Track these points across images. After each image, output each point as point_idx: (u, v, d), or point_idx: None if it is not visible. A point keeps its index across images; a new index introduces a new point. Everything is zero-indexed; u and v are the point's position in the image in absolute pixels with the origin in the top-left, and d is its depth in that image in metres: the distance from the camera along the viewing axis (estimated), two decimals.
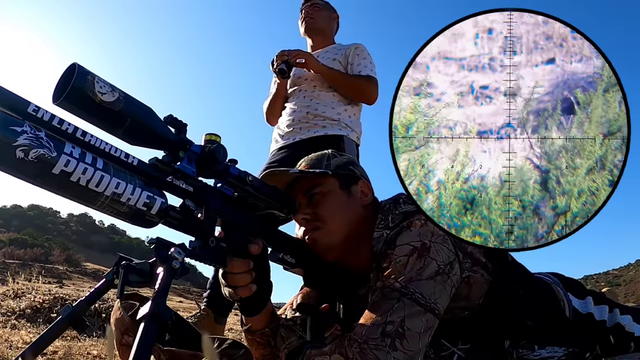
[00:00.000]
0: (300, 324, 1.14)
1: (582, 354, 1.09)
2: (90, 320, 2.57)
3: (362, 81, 2.25)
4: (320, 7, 2.50)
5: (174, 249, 0.77)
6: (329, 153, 1.20)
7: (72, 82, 0.68)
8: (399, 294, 0.90)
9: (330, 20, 2.52)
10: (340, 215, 1.10)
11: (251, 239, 0.96)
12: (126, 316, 0.93)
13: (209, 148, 0.86)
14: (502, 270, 1.07)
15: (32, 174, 0.66)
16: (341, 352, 0.87)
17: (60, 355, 1.82)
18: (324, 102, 2.24)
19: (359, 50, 2.33)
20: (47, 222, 36.75)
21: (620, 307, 1.17)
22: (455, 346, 1.05)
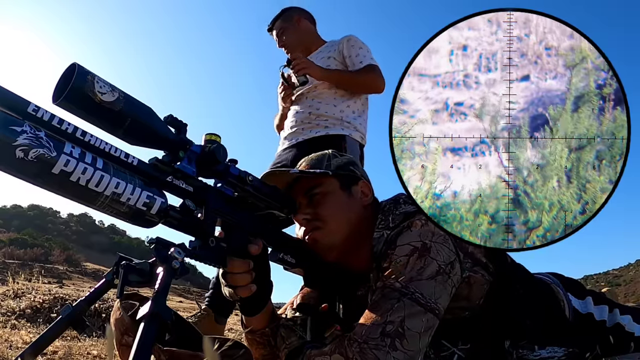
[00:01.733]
0: (300, 324, 1.14)
1: (582, 354, 1.09)
2: (90, 320, 2.57)
3: (366, 75, 2.21)
4: (283, 28, 2.41)
5: (173, 249, 0.77)
6: (329, 153, 1.20)
7: (72, 82, 0.68)
8: (399, 294, 0.90)
9: (298, 28, 2.41)
10: (340, 216, 1.10)
11: (251, 239, 0.96)
12: (126, 316, 0.93)
13: (209, 148, 0.86)
14: (502, 270, 1.07)
15: (32, 174, 0.66)
16: (341, 352, 0.87)
17: (60, 355, 1.82)
18: (326, 101, 2.23)
19: (352, 41, 2.29)
20: (47, 222, 36.74)
21: (620, 307, 1.17)
22: (456, 346, 1.05)
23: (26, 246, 17.17)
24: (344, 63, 2.28)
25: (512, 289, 1.07)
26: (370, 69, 2.22)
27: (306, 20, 2.45)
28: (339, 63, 2.29)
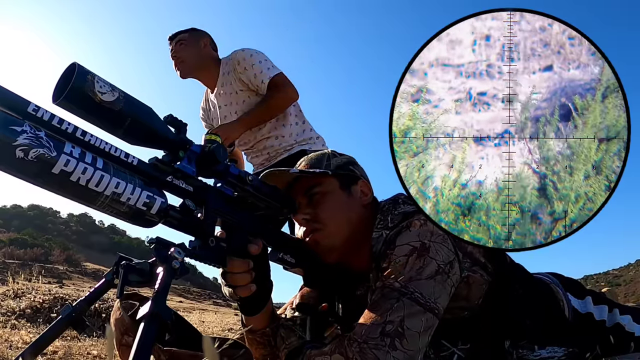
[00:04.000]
0: (300, 324, 1.14)
1: (582, 354, 1.09)
2: (90, 320, 2.56)
3: (275, 97, 2.14)
4: (185, 42, 2.27)
5: (173, 249, 0.77)
6: (329, 153, 1.20)
7: (72, 81, 0.68)
8: (398, 294, 0.90)
9: (201, 50, 2.28)
10: (340, 216, 1.10)
11: (251, 239, 0.96)
12: (126, 316, 0.93)
13: (209, 148, 0.86)
14: (501, 270, 1.07)
15: (32, 174, 0.66)
16: (341, 352, 0.87)
17: (60, 355, 1.82)
18: (267, 135, 2.23)
19: (244, 62, 2.17)
20: (47, 222, 36.74)
21: (620, 307, 1.17)
22: (455, 346, 1.05)
23: (26, 246, 17.17)
24: (249, 88, 2.20)
25: (511, 289, 1.07)
26: (275, 84, 2.14)
27: (212, 45, 2.35)
28: (246, 91, 2.21)
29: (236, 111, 2.25)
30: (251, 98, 2.22)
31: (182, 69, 2.28)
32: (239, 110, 2.24)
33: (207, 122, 2.49)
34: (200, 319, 5.83)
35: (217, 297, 14.22)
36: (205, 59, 2.29)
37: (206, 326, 4.57)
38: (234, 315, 7.18)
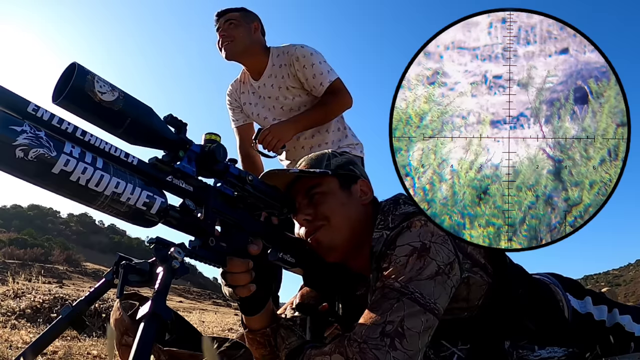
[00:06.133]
0: (300, 323, 1.15)
1: (582, 354, 1.09)
2: (90, 320, 2.57)
3: (333, 102, 2.09)
4: (236, 22, 2.13)
5: (173, 249, 0.77)
6: (329, 153, 1.20)
7: (72, 81, 0.68)
8: (398, 294, 0.90)
9: (252, 34, 2.15)
10: (340, 215, 1.10)
11: (251, 239, 0.96)
12: (126, 316, 0.93)
13: (208, 147, 0.86)
14: (501, 271, 1.07)
15: (31, 174, 0.66)
16: (341, 352, 0.87)
17: (60, 355, 1.82)
18: (310, 140, 2.15)
19: (304, 60, 2.08)
20: (47, 222, 36.73)
21: (619, 307, 1.17)
22: (455, 346, 1.05)
23: (26, 246, 17.17)
24: (303, 87, 2.13)
25: (511, 289, 1.07)
26: (333, 89, 2.08)
27: (261, 30, 2.23)
28: (298, 90, 2.14)
29: (282, 106, 2.16)
30: (302, 97, 2.14)
31: (230, 49, 2.13)
32: (285, 106, 2.16)
33: (236, 109, 2.34)
34: (200, 319, 5.83)
35: (217, 297, 14.23)
36: (255, 44, 2.16)
37: (206, 326, 4.57)
38: (234, 315, 7.18)
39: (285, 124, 2.04)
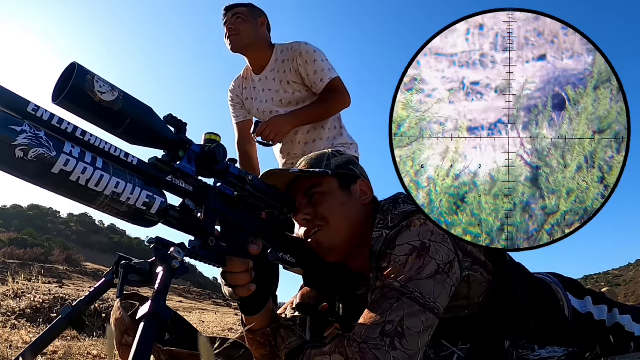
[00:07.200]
0: (300, 323, 1.14)
1: (582, 354, 1.09)
2: (90, 320, 2.57)
3: (331, 99, 2.13)
4: (243, 17, 2.20)
5: (173, 249, 0.77)
6: (329, 153, 1.20)
7: (72, 81, 0.68)
8: (398, 294, 0.90)
9: (258, 28, 2.22)
10: (340, 215, 1.10)
11: (251, 239, 0.96)
12: (126, 316, 0.93)
13: (208, 147, 0.86)
14: (502, 269, 1.07)
15: (31, 174, 0.66)
16: (341, 352, 0.87)
17: (60, 355, 1.82)
18: (305, 137, 2.18)
19: (307, 56, 2.14)
20: (47, 222, 36.71)
21: (619, 307, 1.17)
22: (455, 346, 1.05)
23: (26, 246, 17.16)
24: (304, 83, 2.18)
25: (512, 288, 1.07)
26: (332, 87, 2.13)
27: (267, 26, 2.30)
28: (299, 84, 2.18)
29: (281, 99, 2.20)
30: (301, 93, 2.19)
31: (235, 41, 2.20)
32: (284, 99, 2.20)
33: (237, 105, 2.39)
34: (200, 319, 5.83)
35: (217, 297, 14.23)
36: (260, 38, 2.23)
37: (206, 326, 4.58)
38: (234, 315, 7.18)
39: (283, 118, 2.09)
